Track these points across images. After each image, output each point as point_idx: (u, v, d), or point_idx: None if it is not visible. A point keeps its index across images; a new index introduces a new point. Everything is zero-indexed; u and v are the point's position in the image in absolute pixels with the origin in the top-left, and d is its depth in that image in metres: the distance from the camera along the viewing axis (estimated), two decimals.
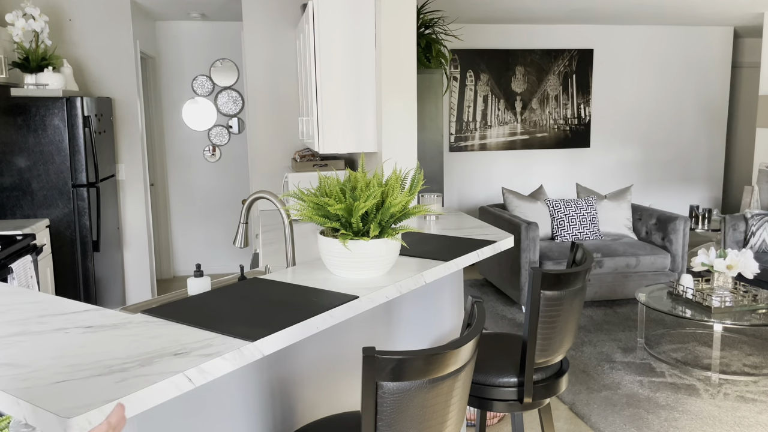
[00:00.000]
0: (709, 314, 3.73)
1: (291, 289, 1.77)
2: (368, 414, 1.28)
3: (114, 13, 4.77)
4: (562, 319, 2.06)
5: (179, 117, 6.07)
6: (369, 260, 1.82)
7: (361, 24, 3.29)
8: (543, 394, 2.11)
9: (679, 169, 7.40)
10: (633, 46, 7.05)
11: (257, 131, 4.59)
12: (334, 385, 1.98)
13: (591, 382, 3.67)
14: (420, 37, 4.85)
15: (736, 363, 3.94)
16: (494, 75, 6.76)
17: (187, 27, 5.96)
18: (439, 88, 4.81)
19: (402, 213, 1.84)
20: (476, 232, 2.67)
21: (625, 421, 3.21)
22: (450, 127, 6.76)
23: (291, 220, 2.20)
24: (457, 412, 1.44)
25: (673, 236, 5.17)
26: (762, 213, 5.25)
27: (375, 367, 1.25)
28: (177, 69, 6.00)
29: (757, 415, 3.28)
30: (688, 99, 7.28)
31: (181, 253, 6.27)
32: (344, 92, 3.34)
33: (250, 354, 1.37)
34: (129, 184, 5.00)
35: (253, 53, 4.52)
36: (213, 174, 6.22)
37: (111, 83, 4.84)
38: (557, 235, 5.38)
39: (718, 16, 6.41)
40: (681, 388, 3.60)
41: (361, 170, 1.88)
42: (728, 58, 7.28)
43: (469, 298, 1.64)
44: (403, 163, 3.30)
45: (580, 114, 7.00)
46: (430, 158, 4.84)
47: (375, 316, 2.16)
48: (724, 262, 3.92)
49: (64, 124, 4.06)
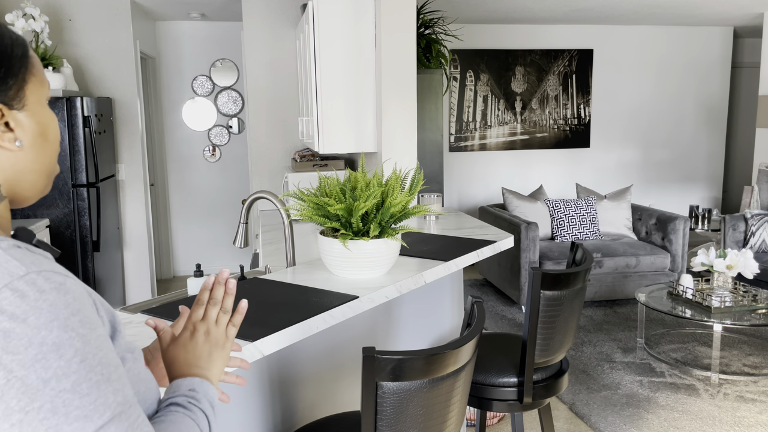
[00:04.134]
0: (709, 314, 3.73)
1: (291, 289, 1.77)
2: (368, 414, 1.29)
3: (114, 13, 4.77)
4: (562, 319, 2.06)
5: (179, 117, 6.07)
6: (369, 260, 1.82)
7: (361, 24, 3.29)
8: (543, 394, 2.11)
9: (678, 169, 7.40)
10: (633, 46, 7.05)
11: (257, 131, 4.59)
12: (334, 385, 1.98)
13: (591, 382, 3.67)
14: (420, 37, 4.86)
15: (736, 363, 3.94)
16: (494, 75, 6.76)
17: (187, 27, 5.96)
18: (439, 88, 4.82)
19: (402, 213, 1.84)
20: (476, 232, 2.67)
21: (625, 421, 3.21)
22: (450, 127, 6.76)
23: (291, 220, 2.20)
24: (457, 412, 1.44)
25: (673, 236, 5.17)
26: (762, 213, 5.25)
27: (375, 367, 1.25)
28: (177, 69, 6.00)
29: (757, 415, 3.28)
30: (687, 99, 7.28)
31: (181, 253, 6.27)
32: (344, 92, 3.34)
33: (250, 354, 1.37)
34: (129, 184, 5.00)
35: (253, 53, 4.52)
36: (213, 174, 6.22)
37: (111, 83, 4.84)
38: (557, 235, 5.38)
39: (718, 16, 6.41)
40: (681, 388, 3.60)
41: (361, 170, 1.89)
42: (728, 58, 7.29)
43: (469, 298, 1.64)
44: (403, 163, 3.30)
45: (580, 114, 7.01)
46: (430, 158, 4.84)
47: (375, 316, 2.16)
48: (724, 262, 3.93)
49: (64, 124, 4.06)
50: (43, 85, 0.83)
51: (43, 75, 0.84)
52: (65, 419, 0.64)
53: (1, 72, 0.77)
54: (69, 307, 0.67)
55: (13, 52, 0.79)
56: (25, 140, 0.80)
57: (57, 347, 0.65)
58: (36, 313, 0.65)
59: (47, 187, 0.86)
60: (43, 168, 0.83)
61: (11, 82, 0.78)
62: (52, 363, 0.64)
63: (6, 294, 0.65)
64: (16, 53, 0.79)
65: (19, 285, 0.65)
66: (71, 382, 0.65)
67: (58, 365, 0.64)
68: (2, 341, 0.63)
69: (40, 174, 0.83)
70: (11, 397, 0.63)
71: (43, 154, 0.83)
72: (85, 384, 0.66)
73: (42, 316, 0.65)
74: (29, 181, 0.82)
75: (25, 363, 0.63)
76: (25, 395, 0.63)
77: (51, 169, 0.85)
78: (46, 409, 0.63)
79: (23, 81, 0.80)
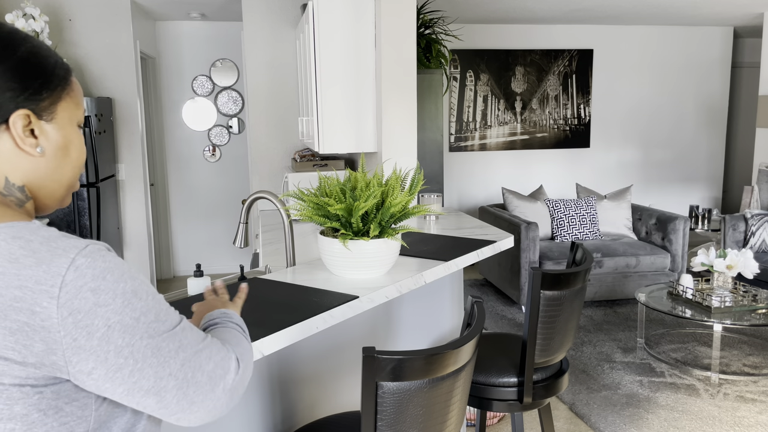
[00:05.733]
0: (709, 314, 3.73)
1: (291, 289, 1.77)
2: (368, 414, 1.29)
3: (114, 13, 4.77)
4: (562, 319, 2.06)
5: (179, 117, 6.07)
6: (369, 260, 1.82)
7: (361, 24, 3.29)
8: (543, 394, 2.11)
9: (679, 169, 7.40)
10: (633, 46, 7.05)
11: (257, 131, 4.59)
12: (334, 385, 1.98)
13: (591, 382, 3.67)
14: (420, 37, 4.86)
15: (736, 363, 3.94)
16: (494, 75, 6.76)
17: (187, 27, 5.96)
18: (439, 88, 4.82)
19: (402, 213, 1.84)
20: (476, 232, 2.67)
21: (625, 421, 3.21)
22: (450, 127, 6.76)
23: (291, 220, 2.20)
24: (457, 412, 1.44)
25: (673, 236, 5.17)
26: (762, 213, 5.25)
27: (375, 367, 1.25)
28: (177, 69, 6.00)
29: (757, 415, 3.28)
30: (687, 99, 7.28)
31: (181, 253, 6.27)
32: (344, 92, 3.34)
33: None
34: (129, 184, 5.00)
35: (253, 53, 4.52)
36: (213, 174, 6.22)
37: (111, 83, 4.84)
38: (557, 235, 5.38)
39: (718, 16, 6.41)
40: (681, 388, 3.60)
41: (361, 170, 1.88)
42: (728, 58, 7.28)
43: (469, 298, 1.64)
44: (403, 163, 3.30)
45: (580, 114, 7.01)
46: (430, 158, 4.84)
47: (375, 316, 2.16)
48: (723, 262, 3.93)
49: None
50: (78, 108, 0.94)
51: (80, 100, 0.95)
52: (161, 339, 0.84)
53: (37, 83, 0.88)
54: (125, 264, 0.85)
55: (55, 71, 0.90)
56: (48, 149, 0.90)
57: (135, 293, 0.82)
58: (110, 271, 0.81)
59: (66, 199, 0.96)
60: (62, 179, 0.93)
61: (45, 94, 0.88)
62: (136, 304, 0.82)
63: (81, 261, 0.79)
64: (57, 73, 0.91)
65: (86, 253, 0.80)
66: (154, 314, 0.84)
67: (141, 305, 0.83)
68: (93, 297, 0.78)
69: (59, 184, 0.93)
70: (117, 337, 0.80)
71: (63, 166, 0.92)
72: (162, 313, 0.85)
73: (115, 272, 0.81)
74: (48, 188, 0.92)
75: (117, 310, 0.80)
76: (126, 333, 0.80)
77: (70, 183, 0.95)
78: (146, 337, 0.82)
79: (58, 98, 0.90)
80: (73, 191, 0.97)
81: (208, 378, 0.88)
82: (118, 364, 0.80)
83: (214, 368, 0.89)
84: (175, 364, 0.85)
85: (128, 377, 0.81)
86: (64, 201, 0.96)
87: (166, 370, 0.84)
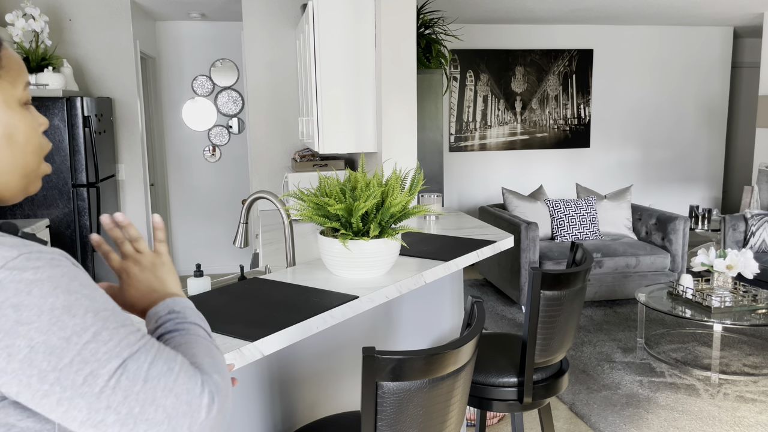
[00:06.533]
0: (709, 314, 3.73)
1: (291, 289, 1.77)
2: (368, 414, 1.29)
3: (114, 13, 4.77)
4: (562, 319, 2.06)
5: (179, 117, 6.07)
6: (369, 260, 1.82)
7: (361, 24, 3.29)
8: (543, 394, 2.11)
9: (678, 169, 7.40)
10: (633, 47, 7.05)
11: (257, 131, 4.59)
12: (334, 385, 1.98)
13: (591, 382, 3.67)
14: (420, 37, 4.86)
15: (736, 363, 3.94)
16: (494, 75, 6.76)
17: (187, 27, 5.96)
18: (439, 88, 4.82)
19: (402, 213, 1.84)
20: (476, 232, 2.67)
21: (625, 421, 3.21)
22: (450, 127, 6.76)
23: (291, 220, 2.20)
24: (457, 412, 1.44)
25: (672, 236, 5.17)
26: (762, 213, 5.25)
27: (375, 367, 1.25)
28: (177, 69, 6.00)
29: (757, 415, 3.28)
30: (687, 99, 7.28)
31: (181, 253, 6.27)
32: (344, 92, 3.34)
33: (250, 354, 1.37)
34: (129, 184, 5.00)
35: (253, 53, 4.52)
36: (213, 174, 6.22)
37: (111, 83, 4.84)
38: (557, 235, 5.38)
39: (718, 16, 6.41)
40: (681, 388, 3.60)
41: (361, 170, 1.89)
42: (728, 58, 7.28)
43: (469, 298, 1.64)
44: (403, 163, 3.30)
45: (580, 114, 7.00)
46: (430, 158, 4.84)
47: (375, 316, 2.16)
48: (723, 262, 3.93)
49: (64, 124, 4.06)
50: (15, 85, 0.80)
51: (16, 75, 0.80)
52: (98, 364, 0.69)
53: None
54: (66, 275, 0.71)
55: None
56: None
57: (67, 309, 0.69)
58: (38, 285, 0.69)
59: (29, 186, 0.84)
60: (15, 169, 0.81)
61: None
62: (68, 322, 0.69)
63: (5, 274, 0.68)
64: None
65: (14, 265, 0.69)
66: (91, 333, 0.70)
67: (74, 323, 0.69)
68: (14, 315, 0.67)
69: (12, 174, 0.81)
70: (41, 360, 0.67)
71: (13, 156, 0.80)
72: (105, 332, 0.71)
73: (44, 286, 0.69)
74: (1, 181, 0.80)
75: (42, 329, 0.68)
76: (52, 355, 0.68)
77: (28, 170, 0.83)
78: (77, 361, 0.68)
79: None
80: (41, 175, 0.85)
81: (165, 416, 0.72)
82: (44, 391, 0.68)
83: (175, 404, 0.73)
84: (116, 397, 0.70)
85: (56, 406, 0.69)
86: (29, 189, 0.84)
87: (103, 402, 0.69)
